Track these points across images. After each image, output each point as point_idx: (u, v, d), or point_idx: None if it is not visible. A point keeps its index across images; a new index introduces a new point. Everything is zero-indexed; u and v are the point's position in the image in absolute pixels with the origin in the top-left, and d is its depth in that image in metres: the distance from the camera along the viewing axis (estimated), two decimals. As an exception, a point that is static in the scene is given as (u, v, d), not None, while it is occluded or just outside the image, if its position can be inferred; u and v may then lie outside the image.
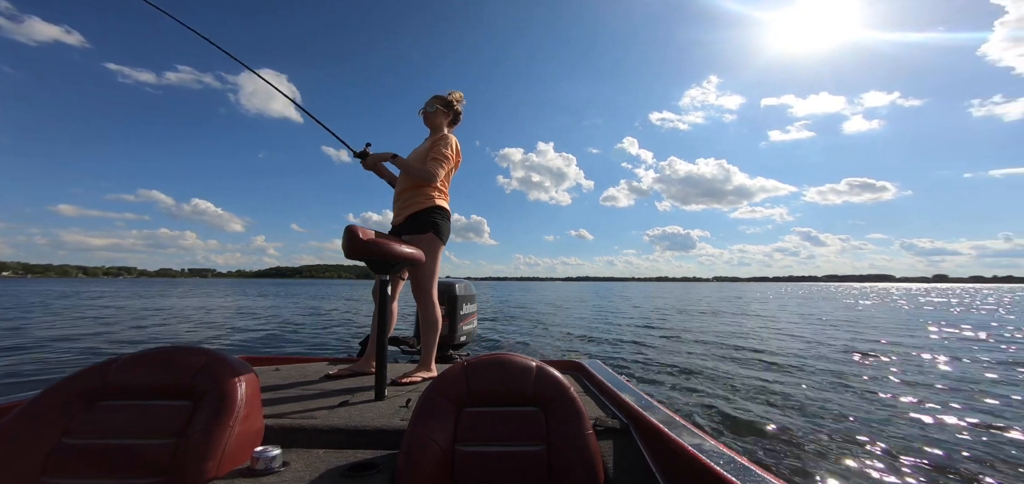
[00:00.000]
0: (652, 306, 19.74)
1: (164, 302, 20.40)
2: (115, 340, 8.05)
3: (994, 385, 5.06)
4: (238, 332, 9.68)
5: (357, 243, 1.76)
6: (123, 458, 1.06)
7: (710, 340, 8.82)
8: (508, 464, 1.11)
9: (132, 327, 10.07)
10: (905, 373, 5.73)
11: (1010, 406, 4.18)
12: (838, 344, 8.26)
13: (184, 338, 8.86)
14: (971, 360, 6.64)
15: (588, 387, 2.02)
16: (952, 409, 4.09)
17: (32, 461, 1.04)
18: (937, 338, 9.16)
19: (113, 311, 14.59)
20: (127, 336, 8.61)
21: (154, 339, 8.50)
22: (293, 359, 2.52)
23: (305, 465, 1.18)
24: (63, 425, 1.09)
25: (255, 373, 1.30)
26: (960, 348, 7.81)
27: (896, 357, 6.93)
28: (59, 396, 1.13)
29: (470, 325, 3.56)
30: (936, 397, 4.53)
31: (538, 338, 9.53)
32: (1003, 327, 11.30)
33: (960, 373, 5.71)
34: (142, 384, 1.17)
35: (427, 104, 2.47)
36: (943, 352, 7.31)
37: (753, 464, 0.99)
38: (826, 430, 3.46)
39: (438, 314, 2.32)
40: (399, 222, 2.32)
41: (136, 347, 6.88)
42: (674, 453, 1.15)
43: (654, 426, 1.30)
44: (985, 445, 3.18)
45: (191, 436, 1.09)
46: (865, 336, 9.38)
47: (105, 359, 1.22)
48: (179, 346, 1.26)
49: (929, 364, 6.37)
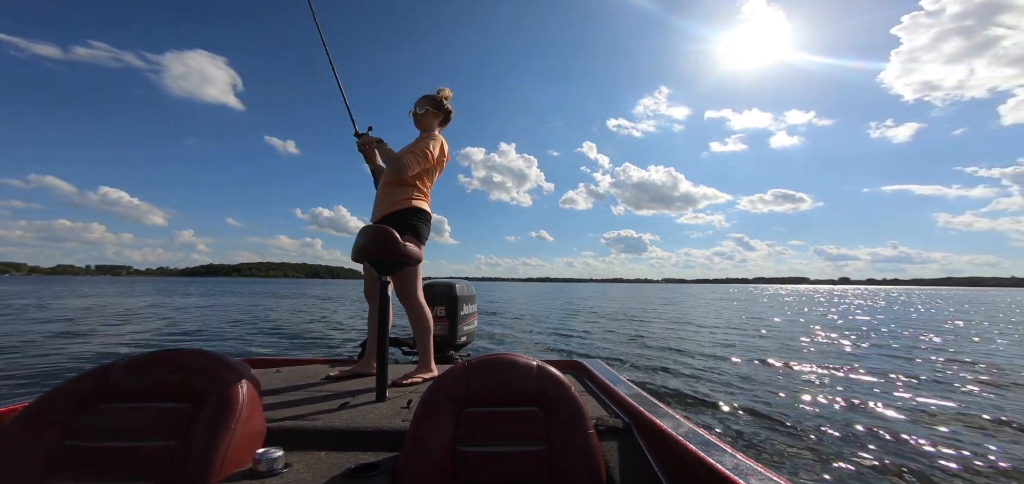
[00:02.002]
0: (621, 308, 19.37)
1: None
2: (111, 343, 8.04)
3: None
4: (238, 335, 9.67)
5: (378, 243, 1.75)
6: (124, 461, 1.06)
7: (695, 340, 8.85)
8: (510, 464, 1.11)
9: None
10: (900, 375, 5.74)
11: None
12: (820, 343, 8.30)
13: (183, 343, 8.85)
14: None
15: (589, 386, 2.01)
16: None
17: (33, 464, 1.04)
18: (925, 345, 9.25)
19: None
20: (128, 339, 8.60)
21: (153, 343, 8.49)
22: (294, 361, 2.52)
23: (307, 467, 1.17)
24: (64, 428, 1.09)
25: (256, 375, 1.30)
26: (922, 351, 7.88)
27: (880, 361, 6.95)
28: (60, 399, 1.13)
29: (470, 325, 3.56)
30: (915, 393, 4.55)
31: (517, 342, 9.59)
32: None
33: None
34: (143, 387, 1.17)
35: (417, 105, 2.38)
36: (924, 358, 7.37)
37: (756, 463, 0.99)
38: (824, 429, 3.46)
39: (428, 315, 2.25)
40: (375, 220, 2.21)
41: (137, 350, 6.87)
42: (676, 452, 1.15)
43: (656, 425, 1.30)
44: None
45: (192, 439, 1.09)
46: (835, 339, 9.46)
47: (106, 362, 1.22)
48: (180, 349, 1.26)
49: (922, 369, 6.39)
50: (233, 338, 9.15)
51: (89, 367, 1.22)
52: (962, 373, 5.76)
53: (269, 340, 8.92)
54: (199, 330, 10.35)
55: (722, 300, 30.54)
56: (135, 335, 9.14)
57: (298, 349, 7.95)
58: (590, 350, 7.90)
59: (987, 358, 6.96)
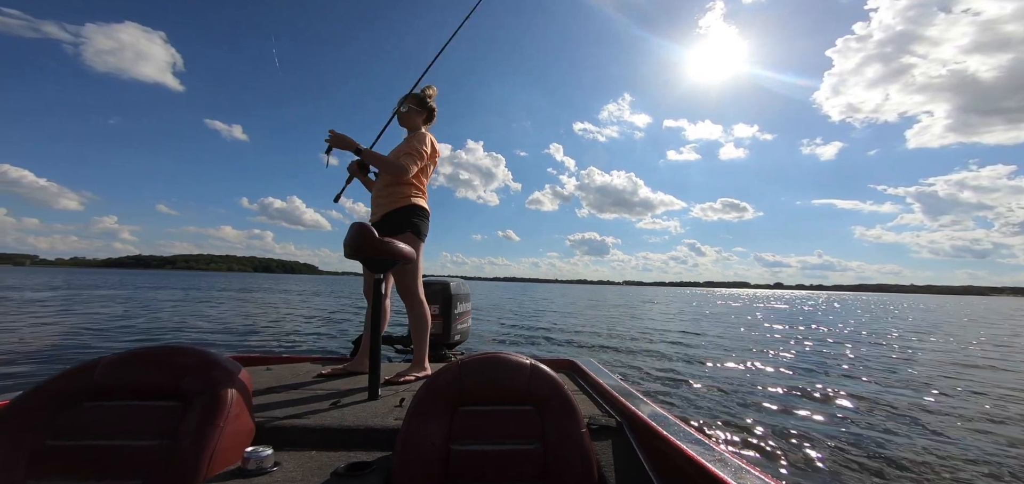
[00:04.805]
0: (609, 313, 18.92)
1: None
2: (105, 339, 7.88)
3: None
4: (228, 332, 9.55)
5: (368, 242, 1.74)
6: (111, 460, 1.04)
7: (676, 342, 8.92)
8: (503, 463, 1.11)
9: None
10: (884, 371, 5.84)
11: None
12: (792, 344, 8.41)
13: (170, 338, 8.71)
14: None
15: (582, 385, 2.02)
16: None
17: (16, 464, 1.01)
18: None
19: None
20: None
21: (141, 338, 8.36)
22: (285, 359, 2.49)
23: (297, 465, 1.16)
24: (48, 426, 1.07)
25: (246, 373, 1.28)
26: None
27: (861, 356, 7.07)
28: (44, 396, 1.10)
29: (464, 324, 3.55)
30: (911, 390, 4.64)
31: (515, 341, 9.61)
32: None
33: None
34: (130, 384, 1.14)
35: (400, 104, 2.42)
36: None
37: (745, 462, 1.00)
38: (813, 429, 3.51)
39: (427, 312, 2.30)
40: (375, 220, 2.29)
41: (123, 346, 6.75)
42: (668, 451, 1.16)
43: (648, 424, 1.30)
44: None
45: (181, 437, 1.07)
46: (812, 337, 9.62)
47: (92, 359, 1.20)
48: (168, 345, 1.24)
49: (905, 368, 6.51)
50: (221, 335, 9.04)
51: (70, 365, 1.20)
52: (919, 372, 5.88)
53: (259, 337, 8.82)
54: (179, 326, 10.17)
55: (691, 303, 30.61)
56: (115, 331, 8.98)
57: (289, 346, 7.88)
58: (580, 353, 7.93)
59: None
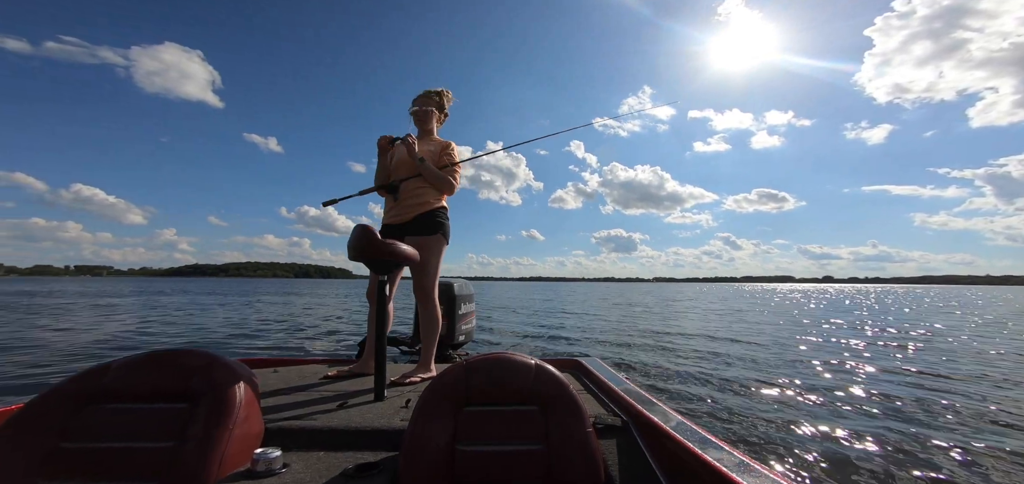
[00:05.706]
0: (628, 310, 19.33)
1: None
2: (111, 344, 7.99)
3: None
4: (236, 335, 9.63)
5: (372, 245, 1.75)
6: (121, 462, 1.06)
7: (700, 340, 8.88)
8: (508, 463, 1.11)
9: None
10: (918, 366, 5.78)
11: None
12: (820, 341, 8.34)
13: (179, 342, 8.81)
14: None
15: (587, 385, 2.02)
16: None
17: (29, 465, 1.03)
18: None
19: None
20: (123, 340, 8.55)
21: (152, 343, 8.45)
22: (292, 361, 2.51)
23: (305, 467, 1.17)
24: (61, 429, 1.08)
25: (254, 375, 1.29)
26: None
27: (881, 355, 6.99)
28: (56, 399, 1.12)
29: (469, 325, 3.56)
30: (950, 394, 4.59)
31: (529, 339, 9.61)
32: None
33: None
34: (140, 387, 1.16)
35: (421, 101, 2.42)
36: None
37: (753, 461, 0.99)
38: (820, 426, 3.48)
39: (439, 316, 2.34)
40: (405, 220, 2.30)
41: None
42: (674, 450, 1.15)
43: (654, 423, 1.30)
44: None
45: (190, 439, 1.08)
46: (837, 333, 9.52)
47: (103, 362, 1.21)
48: (177, 349, 1.25)
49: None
50: (229, 338, 9.11)
51: (84, 367, 1.21)
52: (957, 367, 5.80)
53: (266, 340, 8.89)
54: (194, 330, 10.30)
55: (721, 298, 30.63)
56: (127, 335, 9.09)
57: (296, 349, 7.93)
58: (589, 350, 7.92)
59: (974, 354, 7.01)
